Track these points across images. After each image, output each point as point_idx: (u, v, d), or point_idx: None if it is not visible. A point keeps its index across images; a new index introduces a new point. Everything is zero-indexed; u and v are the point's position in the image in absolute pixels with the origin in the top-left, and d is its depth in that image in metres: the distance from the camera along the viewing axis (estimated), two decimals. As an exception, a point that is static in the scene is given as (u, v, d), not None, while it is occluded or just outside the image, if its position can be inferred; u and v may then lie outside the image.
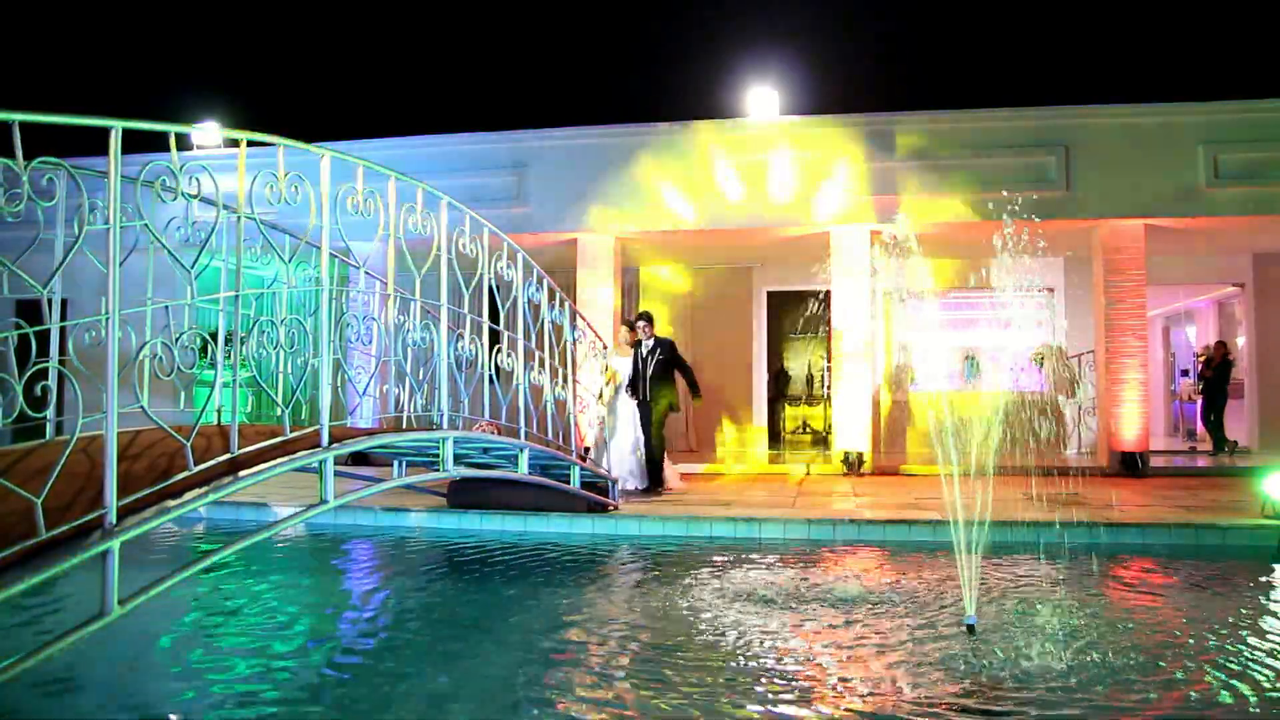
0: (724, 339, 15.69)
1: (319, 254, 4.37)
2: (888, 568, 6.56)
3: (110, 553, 2.92)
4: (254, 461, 3.64)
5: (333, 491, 4.04)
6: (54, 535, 2.80)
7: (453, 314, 5.39)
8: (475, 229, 5.57)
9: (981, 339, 16.48)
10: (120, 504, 3.02)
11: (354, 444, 4.26)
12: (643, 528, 7.80)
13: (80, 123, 3.09)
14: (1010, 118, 12.54)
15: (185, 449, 3.33)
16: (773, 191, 12.72)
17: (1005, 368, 15.94)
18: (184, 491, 3.30)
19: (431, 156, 13.56)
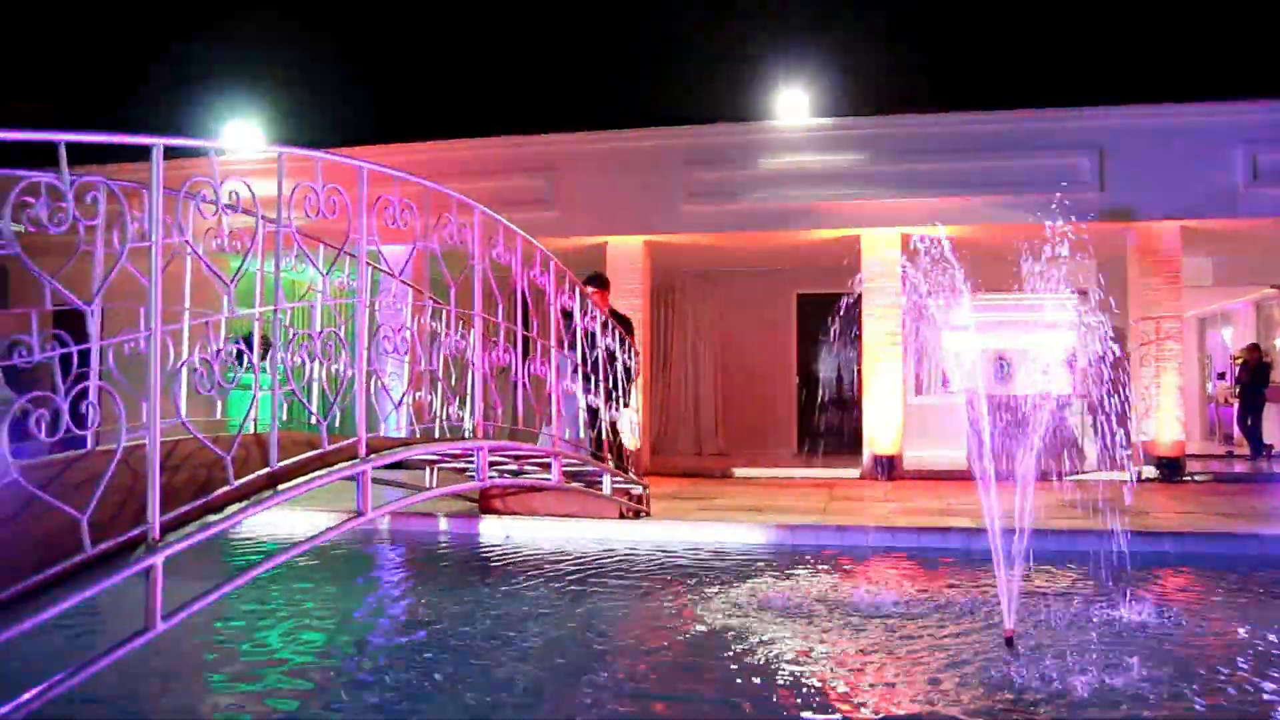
0: (753, 342, 15.66)
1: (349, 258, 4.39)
2: (922, 577, 6.51)
3: (154, 569, 2.94)
4: (293, 474, 3.65)
5: (370, 503, 4.05)
6: (99, 552, 2.82)
7: (486, 322, 5.40)
8: (508, 237, 5.56)
9: (1013, 340, 16.34)
10: (163, 519, 3.04)
11: (391, 455, 4.27)
12: (675, 534, 7.78)
13: (123, 141, 3.11)
14: (1043, 119, 12.43)
15: (226, 462, 3.35)
16: (803, 194, 12.67)
17: (1037, 369, 15.82)
18: (225, 505, 3.31)
19: (460, 160, 13.59)
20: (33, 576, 2.66)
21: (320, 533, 3.81)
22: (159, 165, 3.12)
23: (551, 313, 6.15)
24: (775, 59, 16.43)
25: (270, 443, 3.61)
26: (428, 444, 4.71)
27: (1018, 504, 5.91)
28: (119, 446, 3.00)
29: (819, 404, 17.73)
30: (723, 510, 8.99)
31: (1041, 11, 20.81)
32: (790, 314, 15.79)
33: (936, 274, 9.59)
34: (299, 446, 4.12)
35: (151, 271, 3.07)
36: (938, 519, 8.22)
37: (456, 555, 7.57)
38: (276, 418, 3.66)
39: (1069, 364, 15.07)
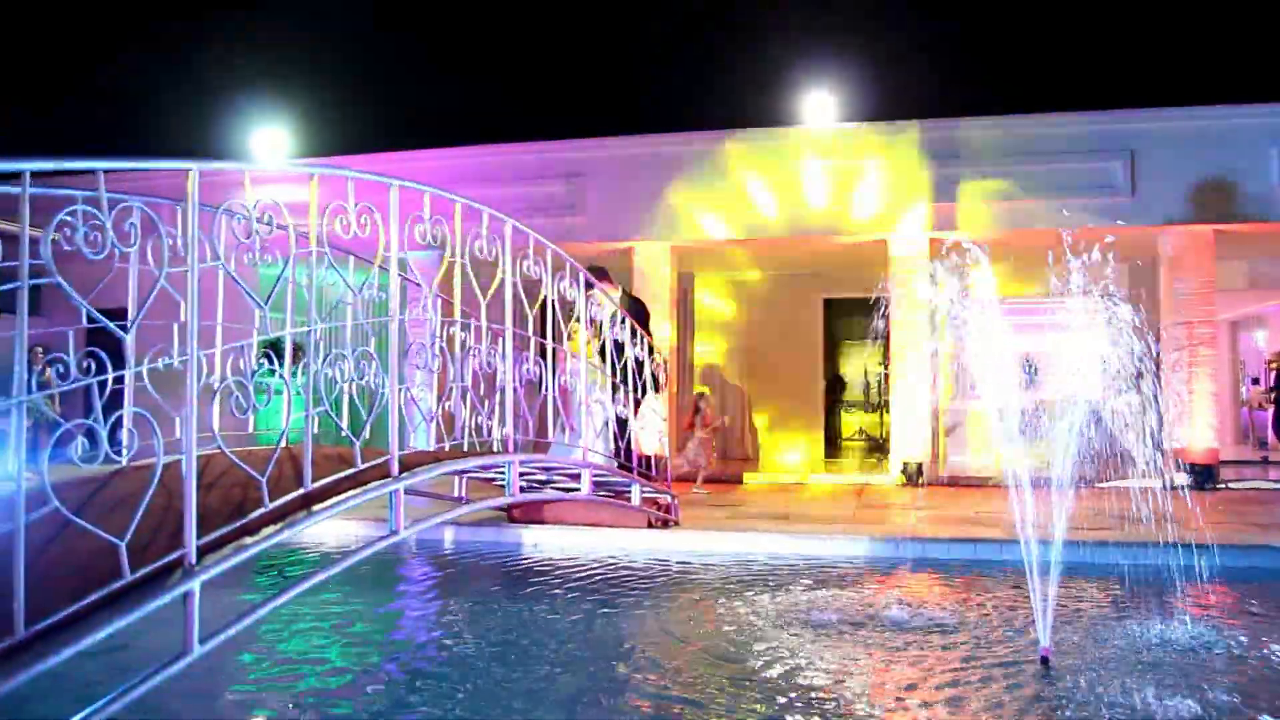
0: (780, 346, 15.59)
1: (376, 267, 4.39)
2: (953, 589, 6.45)
3: (191, 593, 2.94)
4: (326, 494, 3.66)
5: (403, 521, 4.05)
6: (138, 577, 2.82)
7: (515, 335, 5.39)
8: (538, 249, 5.56)
9: (1042, 344, 16.19)
10: (200, 543, 3.04)
11: (424, 472, 4.27)
12: (703, 544, 7.75)
13: (161, 166, 3.11)
14: (1073, 122, 12.31)
15: (261, 485, 3.35)
16: (830, 199, 12.62)
17: (1066, 373, 15.69)
18: (260, 528, 3.32)
19: (487, 166, 13.63)
20: (73, 604, 2.67)
21: (355, 551, 3.81)
22: (195, 190, 3.12)
23: (582, 325, 6.14)
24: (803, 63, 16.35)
25: (304, 463, 3.60)
26: (459, 460, 4.70)
27: (1049, 512, 5.86)
28: (156, 469, 3.00)
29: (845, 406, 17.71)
30: (751, 518, 8.96)
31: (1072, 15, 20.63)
32: (817, 317, 15.71)
33: (967, 284, 9.54)
34: (331, 463, 4.13)
35: (188, 297, 3.07)
36: (968, 528, 8.15)
37: (484, 565, 7.57)
38: (309, 435, 3.66)
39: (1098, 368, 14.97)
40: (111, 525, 2.97)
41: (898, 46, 20.62)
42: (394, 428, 4.10)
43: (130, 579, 2.81)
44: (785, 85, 14.38)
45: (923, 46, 20.69)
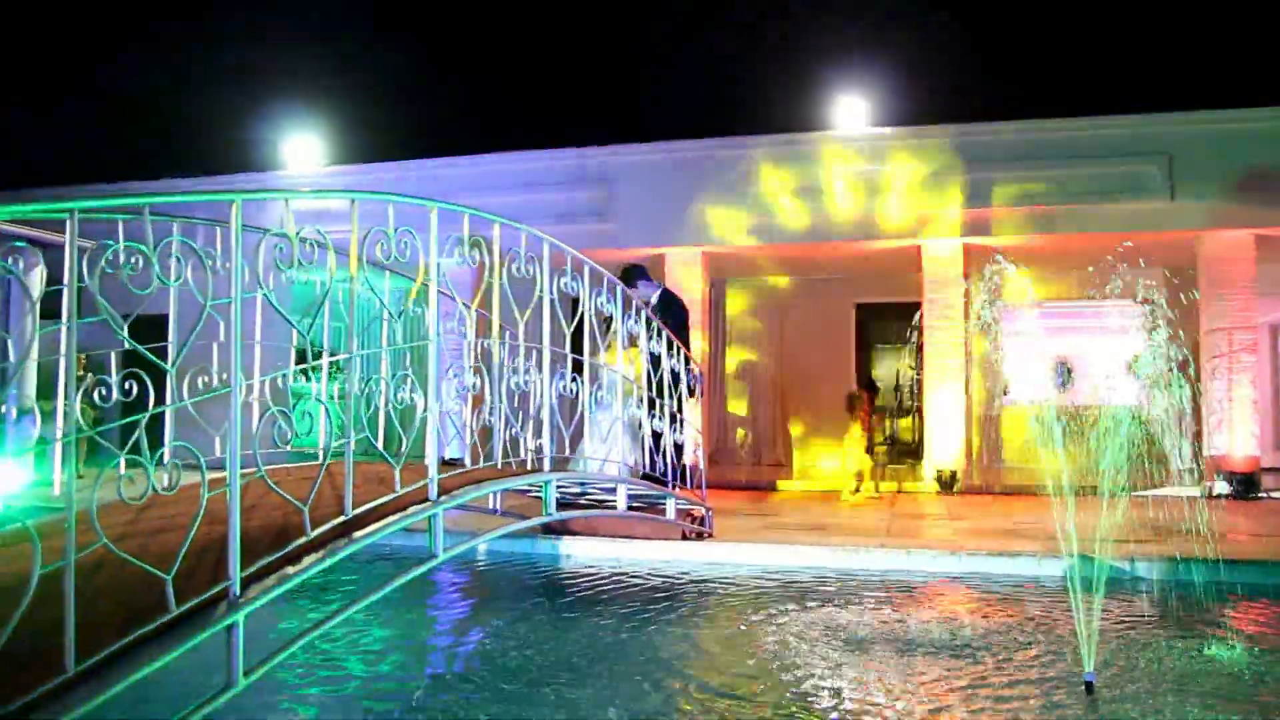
0: (811, 350, 15.51)
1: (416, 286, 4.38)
2: (991, 606, 6.37)
3: (236, 626, 2.95)
4: (367, 520, 3.66)
5: (441, 544, 4.04)
6: (184, 611, 2.83)
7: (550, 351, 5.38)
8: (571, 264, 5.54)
9: (1076, 348, 16.05)
10: (243, 574, 3.05)
11: (463, 495, 4.27)
12: (738, 555, 7.71)
13: (205, 198, 3.12)
14: (1109, 125, 12.17)
15: (304, 515, 3.35)
16: (863, 204, 12.55)
17: (1100, 377, 15.51)
18: (302, 556, 3.32)
19: (517, 173, 13.67)
20: (121, 638, 2.68)
21: (395, 579, 3.80)
22: (239, 220, 3.12)
23: (618, 341, 6.12)
24: (835, 68, 16.26)
25: (345, 488, 3.60)
26: (498, 479, 4.69)
27: (1089, 523, 5.77)
28: (202, 502, 3.01)
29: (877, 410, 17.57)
30: (786, 529, 8.91)
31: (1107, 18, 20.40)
32: (849, 322, 15.62)
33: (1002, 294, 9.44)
34: (370, 484, 4.13)
35: (232, 328, 3.08)
36: (1006, 541, 8.06)
37: (518, 576, 7.57)
38: (350, 461, 3.65)
39: (1134, 373, 14.78)
40: (155, 553, 2.98)
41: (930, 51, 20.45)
42: (430, 450, 4.09)
43: (176, 613, 2.81)
44: (817, 91, 14.30)
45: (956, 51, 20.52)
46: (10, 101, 23.67)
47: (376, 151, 16.15)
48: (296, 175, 14.98)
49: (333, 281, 3.86)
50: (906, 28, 21.17)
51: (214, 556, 3.20)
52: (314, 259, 3.69)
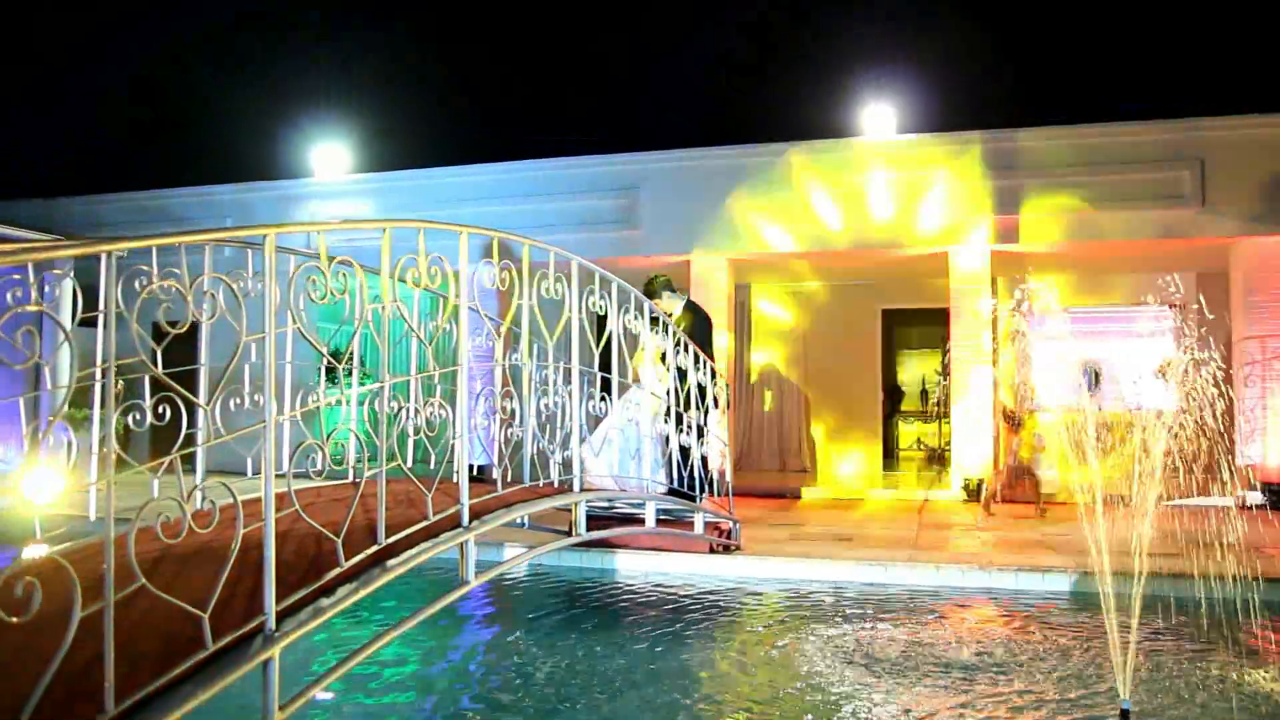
0: (837, 356, 15.45)
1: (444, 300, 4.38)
2: (1023, 626, 6.31)
3: (272, 661, 2.95)
4: (399, 548, 3.66)
5: (473, 570, 4.04)
6: (221, 647, 2.84)
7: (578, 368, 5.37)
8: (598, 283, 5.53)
9: (1104, 352, 15.90)
10: (278, 607, 3.05)
11: (494, 519, 4.26)
12: (766, 569, 7.69)
13: (238, 237, 3.13)
14: (1141, 131, 12.02)
15: (337, 547, 3.36)
16: (890, 211, 12.48)
17: (1128, 381, 15.36)
18: (336, 588, 3.33)
19: (543, 180, 13.68)
20: (159, 676, 2.68)
21: (426, 609, 3.80)
22: (272, 255, 3.12)
23: (647, 357, 6.10)
24: (861, 74, 16.19)
25: (378, 522, 3.60)
26: (529, 500, 4.69)
27: (1120, 536, 5.69)
28: (237, 535, 3.01)
29: (903, 415, 17.49)
30: (812, 539, 8.88)
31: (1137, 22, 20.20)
32: (875, 328, 15.54)
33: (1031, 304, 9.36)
34: (399, 505, 4.14)
35: (267, 363, 3.08)
36: (1035, 555, 7.99)
37: (545, 589, 7.57)
38: (383, 491, 3.65)
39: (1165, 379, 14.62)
40: (191, 587, 2.99)
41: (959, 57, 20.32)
42: (463, 477, 4.09)
43: (212, 649, 2.82)
44: (845, 97, 14.24)
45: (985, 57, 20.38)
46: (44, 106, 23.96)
47: (401, 159, 16.19)
48: (323, 182, 15.05)
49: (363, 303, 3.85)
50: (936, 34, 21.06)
51: (248, 586, 3.20)
52: (345, 287, 3.69)
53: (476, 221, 13.89)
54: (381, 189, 14.66)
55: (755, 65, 22.99)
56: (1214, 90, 17.20)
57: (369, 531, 3.71)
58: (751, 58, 23.07)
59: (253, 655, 2.92)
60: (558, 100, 23.55)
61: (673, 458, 6.55)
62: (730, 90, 22.31)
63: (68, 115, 24.48)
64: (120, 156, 22.86)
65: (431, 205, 14.08)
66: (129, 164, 22.55)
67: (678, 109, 21.82)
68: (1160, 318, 15.08)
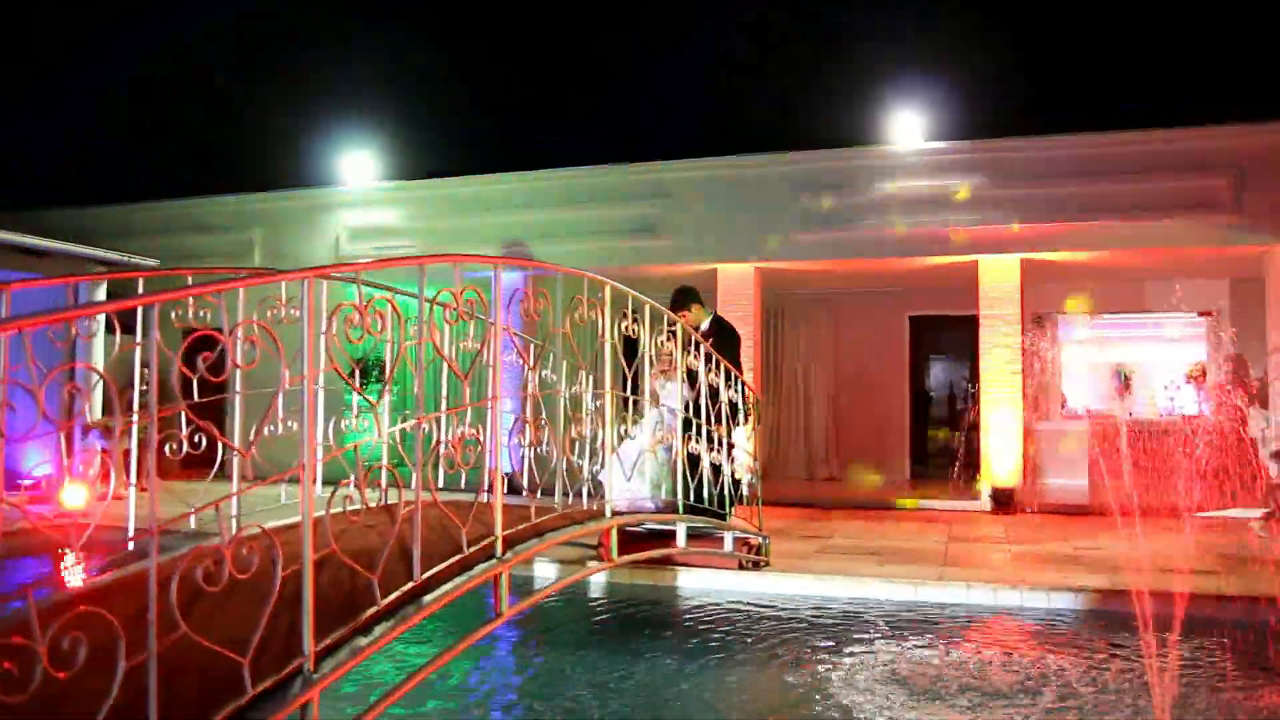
0: (865, 364, 15.40)
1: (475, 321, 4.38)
2: (1057, 648, 6.24)
3: (311, 703, 2.96)
4: (435, 583, 3.66)
5: (506, 602, 4.05)
6: (260, 691, 2.85)
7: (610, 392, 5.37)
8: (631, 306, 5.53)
9: (1134, 357, 15.80)
10: (316, 647, 3.06)
11: (525, 548, 4.26)
12: (795, 586, 7.67)
13: (282, 278, 3.14)
14: (1173, 139, 11.89)
15: (373, 585, 3.37)
16: (918, 220, 12.41)
17: (1158, 387, 15.22)
18: (373, 626, 3.33)
19: (569, 189, 13.71)
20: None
21: (457, 645, 3.81)
22: (311, 299, 3.13)
23: (678, 374, 6.09)
24: (889, 82, 16.10)
25: (414, 557, 3.61)
26: (561, 526, 4.68)
27: (1154, 549, 5.62)
28: (275, 577, 3.02)
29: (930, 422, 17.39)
30: (840, 553, 8.86)
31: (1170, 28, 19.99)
32: (903, 335, 15.47)
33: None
34: (431, 531, 4.14)
35: (304, 408, 3.09)
36: (1068, 571, 7.93)
37: (569, 603, 7.57)
38: (418, 526, 3.66)
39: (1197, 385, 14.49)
40: (228, 623, 3.00)
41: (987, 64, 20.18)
42: (498, 509, 4.09)
43: (252, 693, 2.83)
44: (872, 105, 14.15)
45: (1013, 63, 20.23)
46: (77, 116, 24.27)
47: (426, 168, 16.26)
48: (350, 189, 15.13)
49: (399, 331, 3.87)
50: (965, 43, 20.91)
51: (284, 622, 3.20)
52: (380, 328, 3.70)
53: (503, 229, 13.95)
54: (409, 197, 14.72)
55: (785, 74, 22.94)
56: (1250, 97, 17.00)
57: (403, 561, 3.71)
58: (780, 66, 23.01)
59: (292, 699, 2.93)
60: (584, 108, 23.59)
61: (703, 476, 6.53)
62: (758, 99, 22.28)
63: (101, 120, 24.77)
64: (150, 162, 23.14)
65: (458, 213, 14.15)
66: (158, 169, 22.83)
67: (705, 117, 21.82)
68: (1192, 324, 14.97)
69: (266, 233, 15.42)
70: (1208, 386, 13.98)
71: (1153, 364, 15.70)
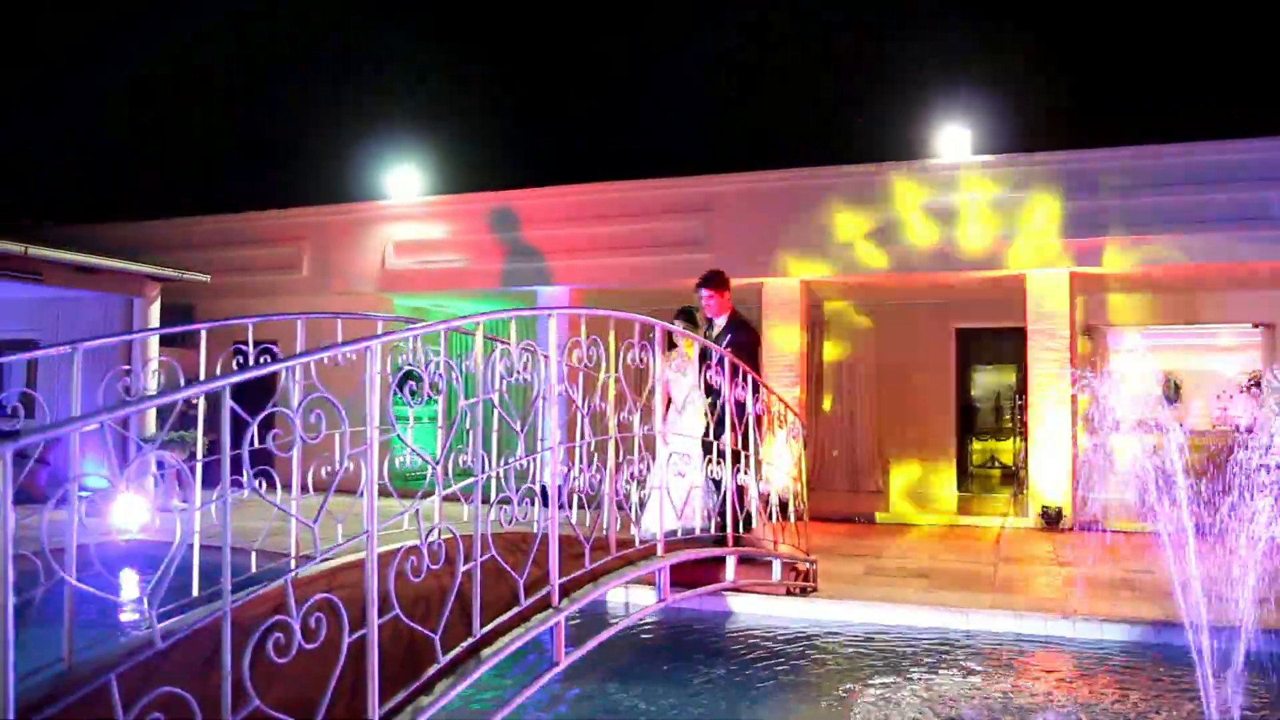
0: (911, 376, 15.30)
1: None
2: (1109, 684, 6.16)
3: (378, 770, 3.01)
4: (494, 637, 3.71)
5: (563, 651, 4.09)
6: (330, 759, 2.90)
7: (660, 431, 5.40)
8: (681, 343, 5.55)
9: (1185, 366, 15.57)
10: (381, 710, 3.11)
11: (581, 596, 4.30)
12: (842, 612, 7.64)
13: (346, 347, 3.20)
14: (1225, 149, 11.69)
15: (435, 644, 3.42)
16: (966, 234, 12.31)
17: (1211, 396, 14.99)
18: (435, 684, 3.38)
19: (618, 202, 13.75)
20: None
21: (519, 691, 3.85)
22: (374, 363, 3.18)
23: (728, 406, 6.10)
24: (937, 96, 15.98)
25: (473, 612, 3.66)
26: (615, 570, 4.72)
27: (1209, 574, 5.51)
28: (343, 643, 3.07)
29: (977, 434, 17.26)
30: (888, 575, 8.83)
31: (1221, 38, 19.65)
32: (949, 348, 15.35)
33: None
34: (488, 577, 4.17)
35: (368, 488, 3.14)
36: (1120, 598, 7.84)
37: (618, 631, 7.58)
38: (478, 577, 3.71)
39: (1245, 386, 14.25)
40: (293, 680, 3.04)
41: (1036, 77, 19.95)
42: (554, 555, 4.13)
43: (323, 762, 2.89)
44: (920, 118, 14.07)
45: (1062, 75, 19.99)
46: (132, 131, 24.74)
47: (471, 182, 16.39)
48: (397, 204, 15.28)
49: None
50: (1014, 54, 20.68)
51: (348, 681, 3.24)
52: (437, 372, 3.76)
53: (548, 242, 13.90)
54: (455, 211, 14.83)
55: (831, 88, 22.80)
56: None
57: (461, 610, 3.74)
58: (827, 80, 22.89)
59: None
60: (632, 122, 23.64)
61: (748, 499, 6.53)
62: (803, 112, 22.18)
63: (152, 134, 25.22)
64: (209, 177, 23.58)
65: (504, 227, 14.24)
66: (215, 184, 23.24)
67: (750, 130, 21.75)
68: (1246, 334, 14.71)
69: (314, 246, 15.61)
70: (1264, 396, 13.75)
71: (1205, 374, 15.48)
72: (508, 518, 4.05)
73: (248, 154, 24.17)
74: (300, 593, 3.34)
